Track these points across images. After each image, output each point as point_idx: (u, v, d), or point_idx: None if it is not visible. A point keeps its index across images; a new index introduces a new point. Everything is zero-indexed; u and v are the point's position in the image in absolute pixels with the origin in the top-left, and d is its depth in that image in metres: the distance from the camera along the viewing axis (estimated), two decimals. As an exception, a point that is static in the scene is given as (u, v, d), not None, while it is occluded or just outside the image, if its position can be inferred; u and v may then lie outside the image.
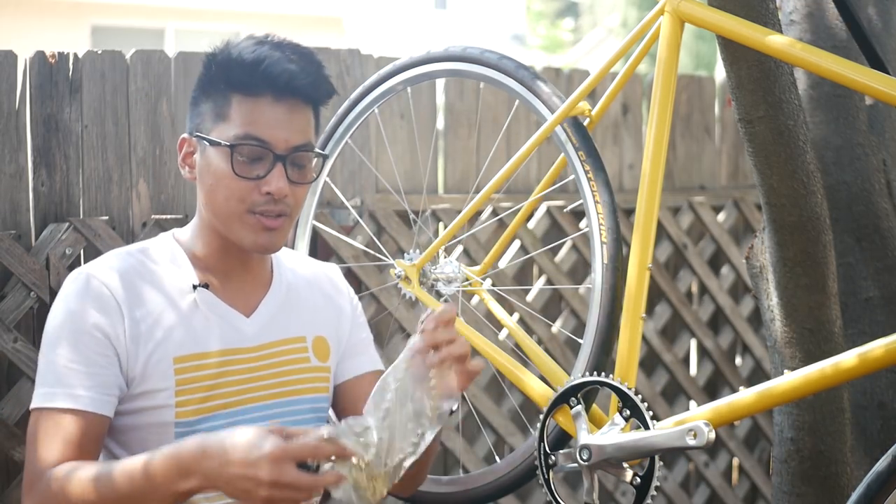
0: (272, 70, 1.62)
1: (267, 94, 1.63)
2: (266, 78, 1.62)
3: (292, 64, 1.64)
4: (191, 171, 1.70)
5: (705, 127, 3.48)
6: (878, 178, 2.10)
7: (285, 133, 1.64)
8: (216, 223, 1.68)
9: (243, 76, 1.63)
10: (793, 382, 1.48)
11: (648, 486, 1.57)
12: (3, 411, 2.15)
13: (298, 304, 1.79)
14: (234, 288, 1.72)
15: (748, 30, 1.63)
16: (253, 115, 1.63)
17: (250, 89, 1.63)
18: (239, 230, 1.66)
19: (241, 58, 1.64)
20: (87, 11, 14.20)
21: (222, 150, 1.63)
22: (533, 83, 1.88)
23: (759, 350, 3.45)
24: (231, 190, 1.63)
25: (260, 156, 1.63)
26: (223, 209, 1.65)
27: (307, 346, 1.77)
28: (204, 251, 1.71)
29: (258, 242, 1.66)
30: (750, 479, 3.44)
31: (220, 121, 1.64)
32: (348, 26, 16.73)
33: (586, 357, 1.74)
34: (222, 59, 1.66)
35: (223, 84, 1.65)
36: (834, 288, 1.89)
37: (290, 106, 1.65)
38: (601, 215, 1.75)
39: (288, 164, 1.65)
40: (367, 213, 2.67)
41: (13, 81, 2.20)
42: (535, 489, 3.00)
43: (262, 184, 1.63)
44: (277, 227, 1.66)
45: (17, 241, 2.17)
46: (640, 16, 14.52)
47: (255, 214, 1.64)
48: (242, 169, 1.63)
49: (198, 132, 1.67)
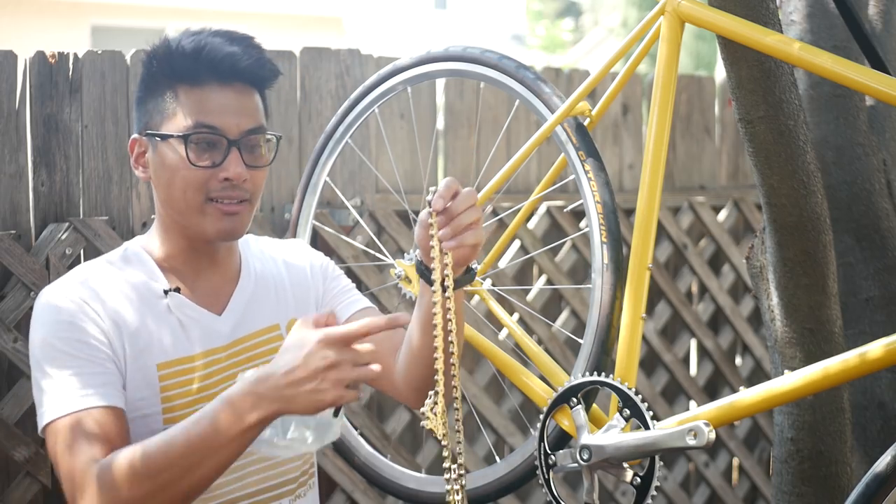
0: (214, 55, 1.62)
1: (212, 80, 1.63)
2: (209, 64, 1.62)
3: (233, 46, 1.63)
4: (144, 170, 1.69)
5: (705, 127, 3.48)
6: (878, 178, 2.10)
7: (235, 118, 1.63)
8: (177, 218, 1.66)
9: (186, 66, 1.62)
10: (793, 382, 1.48)
11: (648, 486, 1.57)
12: (3, 411, 2.15)
13: (268, 291, 1.78)
14: (203, 287, 1.71)
15: (748, 30, 1.63)
16: (201, 104, 1.62)
17: (195, 78, 1.62)
18: (200, 221, 1.64)
19: (181, 48, 1.63)
20: (87, 11, 14.20)
21: (175, 143, 1.62)
22: (534, 83, 1.88)
23: (759, 350, 3.45)
24: (188, 181, 1.62)
25: (214, 143, 1.63)
26: (181, 201, 1.64)
27: (281, 332, 1.77)
28: (170, 253, 1.69)
29: (220, 229, 1.65)
30: (750, 479, 3.44)
31: (169, 115, 1.63)
32: (348, 26, 16.73)
33: (586, 357, 1.74)
34: (163, 53, 1.65)
35: (167, 78, 1.63)
36: (834, 288, 1.89)
37: (237, 90, 1.64)
38: (601, 215, 1.75)
39: (242, 148, 1.64)
40: (367, 213, 2.67)
41: (13, 81, 2.20)
42: (535, 489, 3.00)
43: (220, 170, 1.62)
44: (239, 212, 1.65)
45: (17, 241, 2.17)
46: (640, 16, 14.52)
47: (214, 202, 1.64)
48: (197, 158, 1.62)
49: (147, 130, 1.66)
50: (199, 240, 1.67)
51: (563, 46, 17.59)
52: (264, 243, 1.86)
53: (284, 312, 1.79)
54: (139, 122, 1.68)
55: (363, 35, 16.43)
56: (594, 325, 1.73)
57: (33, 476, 2.16)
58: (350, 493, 2.61)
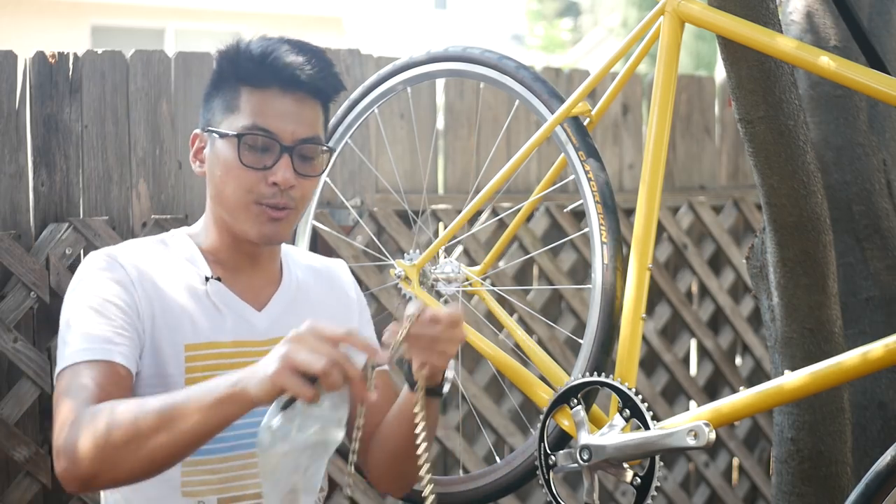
0: (278, 61, 1.65)
1: (274, 85, 1.65)
2: (273, 69, 1.65)
3: (299, 56, 1.66)
4: (201, 165, 1.73)
5: (705, 127, 3.48)
6: (878, 178, 2.10)
7: (292, 125, 1.66)
8: (224, 215, 1.69)
9: (251, 68, 1.66)
10: (793, 382, 1.48)
11: (648, 487, 1.57)
12: (3, 411, 2.15)
13: (308, 301, 1.80)
14: (244, 282, 1.73)
15: (748, 30, 1.63)
16: (260, 107, 1.65)
17: (258, 81, 1.66)
18: (245, 220, 1.67)
19: (248, 51, 1.67)
20: (87, 11, 14.19)
21: (230, 141, 1.65)
22: (533, 83, 1.88)
23: (759, 350, 3.45)
24: (238, 180, 1.65)
25: (267, 146, 1.65)
26: (230, 200, 1.67)
27: None
28: (214, 246, 1.73)
29: (263, 232, 1.67)
30: (750, 479, 3.44)
31: (230, 113, 1.67)
32: (348, 26, 16.72)
33: (586, 357, 1.74)
34: (232, 53, 1.69)
35: (233, 78, 1.67)
36: (834, 288, 1.89)
37: (298, 98, 1.67)
38: (601, 215, 1.75)
39: (295, 155, 1.66)
40: (367, 213, 2.67)
41: (13, 81, 2.20)
42: (535, 489, 3.00)
43: (269, 174, 1.65)
44: (282, 218, 1.68)
45: (17, 241, 2.17)
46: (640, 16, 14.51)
47: (260, 205, 1.66)
48: (249, 159, 1.65)
49: (208, 126, 1.70)
50: (242, 239, 1.70)
51: (563, 46, 17.57)
52: (310, 257, 1.90)
53: None
54: (202, 119, 1.72)
55: (363, 35, 16.42)
56: (594, 324, 1.73)
57: (33, 476, 2.16)
58: (350, 492, 2.61)
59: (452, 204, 2.84)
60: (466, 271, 2.06)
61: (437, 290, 2.04)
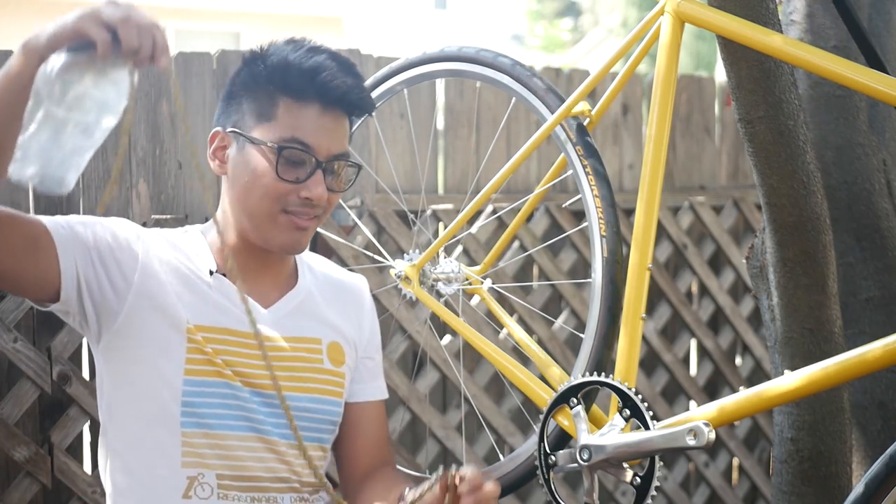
0: (328, 81, 1.66)
1: (316, 102, 1.67)
2: (321, 88, 1.66)
3: (347, 77, 1.68)
4: (221, 165, 1.73)
5: (705, 127, 3.48)
6: (878, 178, 2.10)
7: (328, 141, 1.68)
8: (243, 220, 1.71)
9: (298, 82, 1.66)
10: (793, 382, 1.48)
11: (648, 486, 1.57)
12: (3, 411, 2.15)
13: (318, 309, 1.81)
14: (250, 282, 1.74)
15: (748, 30, 1.63)
16: (300, 121, 1.67)
17: (301, 96, 1.66)
18: (270, 229, 1.69)
19: (298, 63, 1.66)
20: (87, 11, 14.18)
21: (266, 151, 1.66)
22: (529, 80, 1.88)
23: (759, 350, 3.45)
24: (269, 189, 1.66)
25: (302, 160, 1.67)
26: (257, 207, 1.68)
27: (322, 348, 1.79)
28: (226, 246, 1.73)
29: (287, 242, 1.70)
30: (750, 479, 3.44)
31: (265, 121, 1.67)
32: (348, 26, 16.73)
33: (588, 353, 1.73)
34: (277, 61, 1.68)
35: (272, 86, 1.67)
36: (834, 288, 1.89)
37: (335, 116, 1.70)
38: (600, 209, 1.75)
39: (326, 171, 1.69)
40: (367, 214, 2.67)
41: (13, 81, 2.20)
42: (535, 489, 3.00)
43: (302, 188, 1.67)
44: (307, 228, 1.70)
45: (17, 241, 2.17)
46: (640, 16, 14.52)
47: (287, 214, 1.68)
48: (285, 172, 1.66)
49: (236, 128, 1.69)
50: (258, 245, 1.72)
51: (563, 46, 17.58)
52: (329, 267, 1.91)
53: (329, 333, 1.81)
54: (227, 118, 1.71)
55: (363, 35, 16.42)
56: (595, 319, 1.73)
57: (33, 476, 2.16)
58: (350, 493, 2.61)
59: (452, 204, 2.84)
60: (467, 271, 2.06)
61: (437, 291, 2.04)
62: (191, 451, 1.65)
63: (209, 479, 1.66)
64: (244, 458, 1.68)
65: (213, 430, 1.66)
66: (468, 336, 1.91)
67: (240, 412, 1.67)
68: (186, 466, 1.65)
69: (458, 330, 1.93)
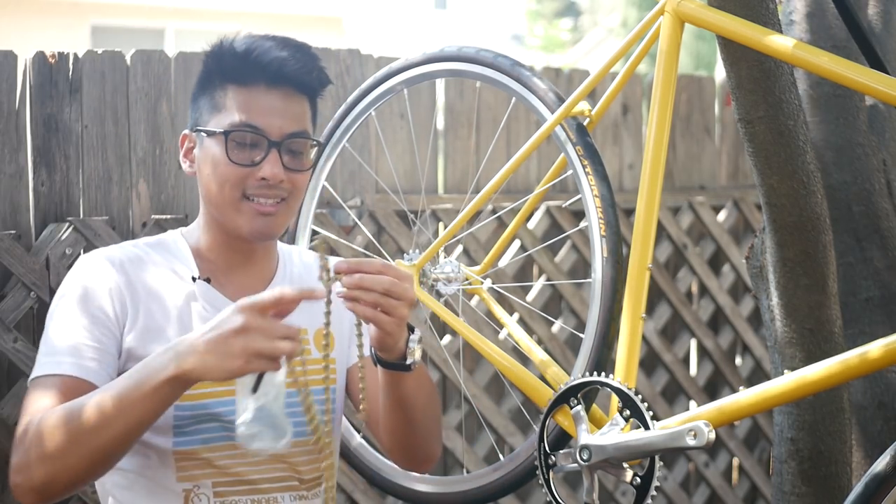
0: (263, 58, 1.66)
1: (260, 82, 1.66)
2: (257, 66, 1.66)
3: (283, 51, 1.67)
4: (191, 165, 1.74)
5: (705, 127, 3.48)
6: (878, 178, 2.10)
7: (279, 120, 1.67)
8: (215, 213, 1.71)
9: (236, 65, 1.67)
10: (793, 382, 1.48)
11: (648, 486, 1.57)
12: (3, 411, 2.15)
13: None
14: (237, 282, 1.74)
15: (748, 30, 1.63)
16: (247, 104, 1.67)
17: (243, 78, 1.67)
18: (235, 217, 1.68)
19: (232, 48, 1.68)
20: (87, 11, 14.19)
21: (218, 139, 1.67)
22: (529, 80, 1.88)
23: (759, 350, 3.45)
24: (226, 176, 1.66)
25: (255, 142, 1.67)
26: (219, 197, 1.68)
27: (309, 338, 1.79)
28: (207, 246, 1.74)
29: (254, 228, 1.68)
30: (750, 479, 3.44)
31: (216, 112, 1.68)
32: (348, 26, 16.72)
33: (587, 354, 1.73)
34: (216, 52, 1.70)
35: (218, 77, 1.69)
36: (834, 288, 1.89)
37: (284, 93, 1.68)
38: (599, 209, 1.75)
39: (283, 150, 1.68)
40: (367, 214, 2.67)
41: (13, 81, 2.20)
42: (535, 489, 3.00)
43: (257, 170, 1.66)
44: (274, 212, 1.69)
45: (17, 241, 2.17)
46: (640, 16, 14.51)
47: (250, 200, 1.67)
48: (237, 155, 1.66)
49: (196, 126, 1.71)
50: (235, 236, 1.71)
51: (563, 46, 17.57)
52: (305, 254, 1.91)
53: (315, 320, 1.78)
54: (191, 118, 1.73)
55: (363, 35, 16.42)
56: (595, 319, 1.73)
57: (33, 476, 2.16)
58: (350, 493, 2.61)
59: (452, 204, 2.84)
60: (467, 271, 2.06)
61: (437, 291, 2.04)
62: (185, 466, 1.65)
63: (205, 489, 1.66)
64: (239, 465, 1.68)
65: (207, 444, 1.66)
66: (468, 336, 1.91)
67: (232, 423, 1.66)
68: (182, 480, 1.65)
69: (458, 330, 1.93)
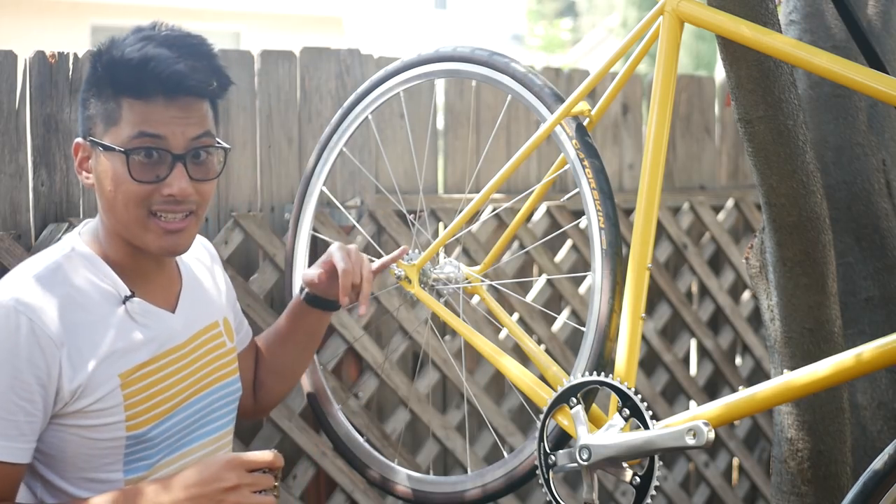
0: (160, 71, 1.55)
1: (158, 95, 1.57)
2: (155, 79, 1.55)
3: (180, 63, 1.56)
4: (88, 176, 1.64)
5: (705, 127, 3.48)
6: (878, 178, 2.11)
7: (181, 128, 1.58)
8: (120, 230, 1.63)
9: (130, 79, 1.56)
10: (793, 382, 1.48)
11: (648, 486, 1.57)
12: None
13: (202, 289, 1.81)
14: (154, 287, 1.70)
15: (748, 30, 1.63)
16: (145, 116, 1.57)
17: (139, 92, 1.56)
18: (143, 235, 1.61)
19: (125, 58, 1.56)
20: (87, 11, 14.20)
21: (117, 155, 1.57)
22: (525, 77, 1.88)
23: (759, 350, 3.45)
24: (130, 195, 1.58)
25: (157, 157, 1.58)
26: (124, 215, 1.60)
27: (221, 330, 1.80)
28: (117, 255, 1.66)
29: (162, 246, 1.62)
30: (750, 479, 3.44)
31: (112, 124, 1.58)
32: (348, 26, 16.73)
33: (587, 352, 1.73)
34: (107, 59, 1.59)
35: (111, 87, 1.58)
36: (834, 288, 1.89)
37: (184, 104, 1.59)
38: (598, 202, 1.75)
39: (188, 161, 1.60)
40: (367, 214, 2.67)
41: (13, 81, 2.20)
42: (535, 489, 3.00)
43: (163, 186, 1.58)
44: (183, 229, 1.62)
45: (17, 241, 2.17)
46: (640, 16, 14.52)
47: (156, 217, 1.60)
48: (140, 173, 1.57)
49: (90, 136, 1.61)
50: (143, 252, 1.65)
51: (563, 46, 17.58)
52: None
53: (219, 311, 1.83)
54: (83, 126, 1.63)
55: (363, 35, 16.43)
56: (595, 313, 1.72)
57: (33, 476, 2.16)
58: (350, 493, 2.61)
59: (452, 204, 2.84)
60: (467, 271, 2.06)
61: (437, 290, 2.05)
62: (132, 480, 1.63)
63: None
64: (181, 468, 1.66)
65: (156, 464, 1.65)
66: (468, 336, 1.91)
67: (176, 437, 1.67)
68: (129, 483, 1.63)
69: (458, 330, 1.93)
